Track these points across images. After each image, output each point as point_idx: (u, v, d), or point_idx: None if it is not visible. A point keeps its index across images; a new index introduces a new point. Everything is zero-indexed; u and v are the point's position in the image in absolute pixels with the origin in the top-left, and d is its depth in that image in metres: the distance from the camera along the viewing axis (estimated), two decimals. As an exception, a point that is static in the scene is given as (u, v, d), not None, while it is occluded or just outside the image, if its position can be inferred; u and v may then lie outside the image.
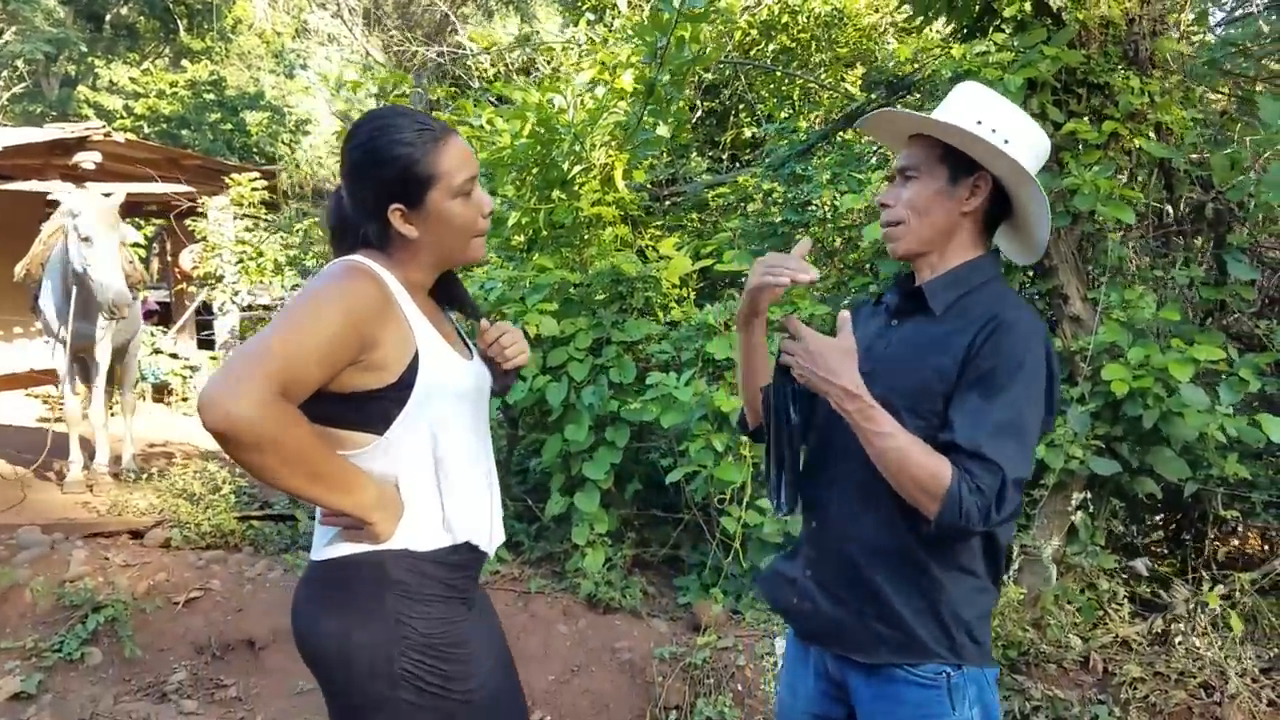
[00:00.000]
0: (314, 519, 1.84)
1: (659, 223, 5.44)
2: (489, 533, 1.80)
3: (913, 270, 1.88)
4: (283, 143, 17.96)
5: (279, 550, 4.93)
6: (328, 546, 1.69)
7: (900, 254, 1.83)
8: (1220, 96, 4.89)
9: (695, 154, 6.32)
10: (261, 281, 9.61)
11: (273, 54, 21.20)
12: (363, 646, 1.63)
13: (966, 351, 1.67)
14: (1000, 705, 1.77)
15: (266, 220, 9.12)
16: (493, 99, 5.71)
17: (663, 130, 5.10)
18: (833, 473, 1.82)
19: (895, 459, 1.61)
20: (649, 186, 5.38)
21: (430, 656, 1.65)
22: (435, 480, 1.69)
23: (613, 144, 4.94)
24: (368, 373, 1.60)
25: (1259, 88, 4.80)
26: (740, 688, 3.50)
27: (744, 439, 3.71)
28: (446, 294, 1.86)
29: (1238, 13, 5.93)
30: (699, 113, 6.68)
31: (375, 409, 1.63)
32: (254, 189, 9.45)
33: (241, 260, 9.04)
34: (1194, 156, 4.18)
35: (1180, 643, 3.48)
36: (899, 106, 1.94)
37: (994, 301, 1.74)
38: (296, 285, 11.30)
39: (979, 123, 1.72)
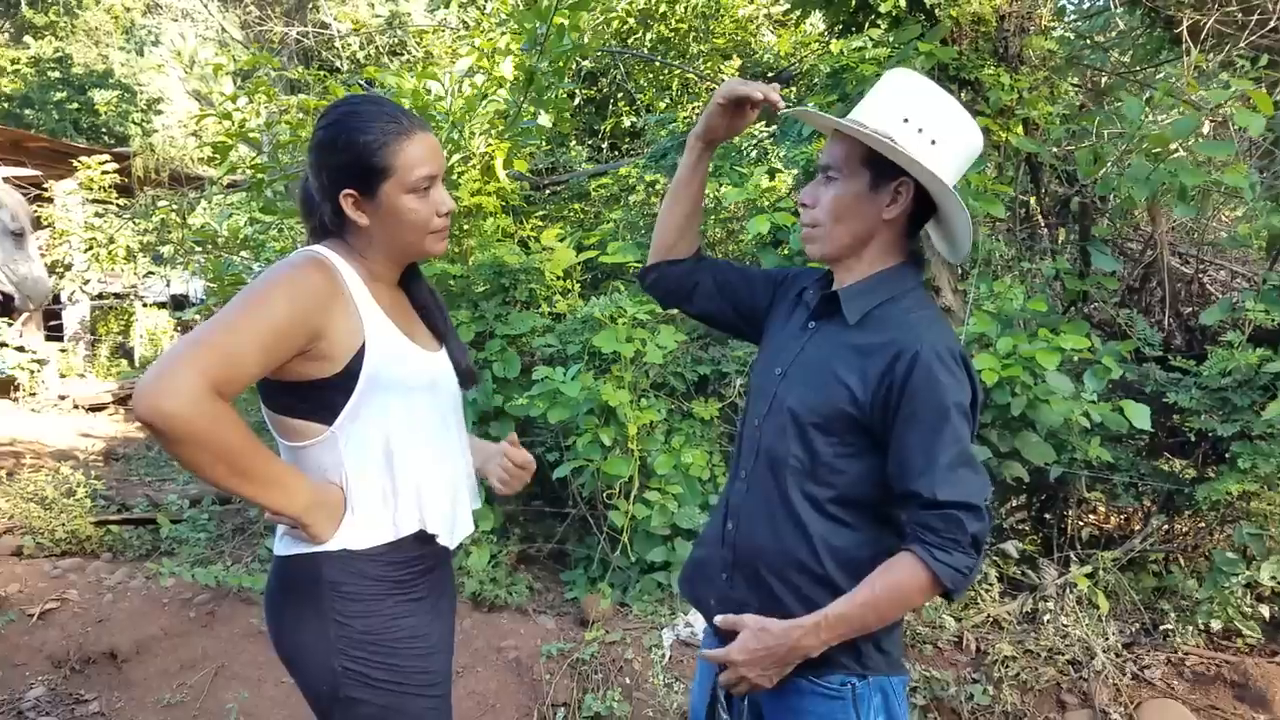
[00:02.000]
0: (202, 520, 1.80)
1: (541, 213, 5.37)
2: (450, 525, 1.77)
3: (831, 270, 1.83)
4: (134, 123, 17.10)
5: (140, 556, 4.69)
6: (280, 541, 1.71)
7: (816, 257, 1.78)
8: (1077, 89, 5.10)
9: (575, 143, 6.27)
10: (114, 269, 9.15)
11: (122, 30, 20.13)
12: (305, 646, 1.66)
13: (882, 383, 1.61)
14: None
15: (120, 206, 8.66)
16: (363, 83, 5.53)
17: (544, 119, 5.03)
18: (748, 479, 1.80)
19: (881, 611, 1.60)
20: (530, 176, 5.31)
21: (377, 652, 1.66)
22: (385, 473, 1.68)
23: (492, 132, 4.84)
24: (314, 362, 1.60)
25: (1105, 80, 5.04)
26: (629, 681, 3.49)
27: (632, 432, 3.70)
28: (409, 290, 1.84)
29: (1086, 5, 6.21)
30: (578, 101, 6.62)
31: (321, 399, 1.63)
32: (104, 172, 8.96)
33: (91, 247, 8.56)
34: (1058, 151, 4.35)
35: (1049, 621, 3.62)
36: (811, 105, 1.91)
37: (910, 320, 1.68)
38: (150, 273, 10.80)
39: (906, 120, 1.64)
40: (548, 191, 5.70)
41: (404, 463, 1.69)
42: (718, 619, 1.75)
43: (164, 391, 1.40)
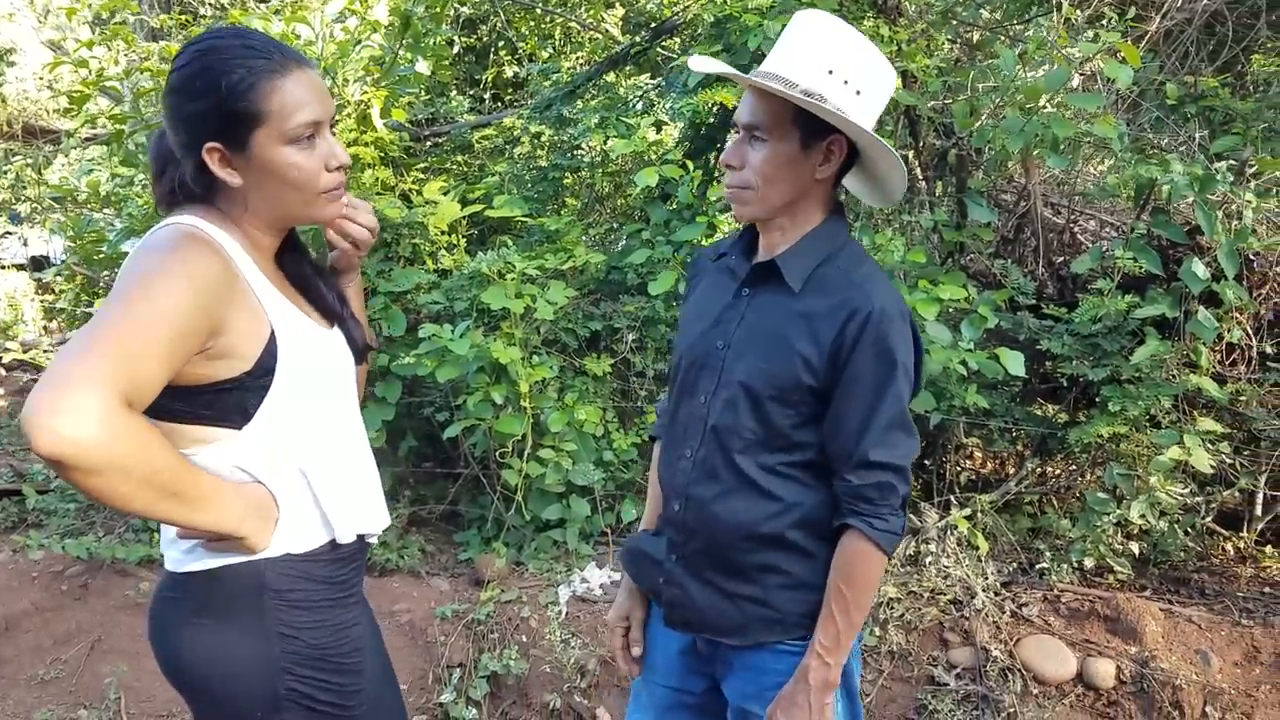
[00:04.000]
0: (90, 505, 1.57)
1: (422, 165, 5.22)
2: (372, 518, 1.62)
3: (756, 229, 1.80)
4: (-17, 75, 15.95)
5: (5, 530, 4.44)
6: (187, 555, 1.46)
7: (747, 219, 1.74)
8: (952, 44, 5.18)
9: (456, 93, 6.10)
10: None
11: (-38, -29, 18.70)
12: (241, 667, 1.45)
13: (835, 345, 1.62)
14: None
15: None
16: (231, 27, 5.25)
17: (422, 66, 4.87)
18: (693, 458, 1.77)
19: (861, 602, 1.65)
20: (409, 126, 5.14)
21: (323, 671, 1.49)
22: (308, 473, 1.50)
23: (368, 80, 4.67)
24: (217, 362, 1.37)
25: (978, 35, 5.14)
26: (525, 639, 3.49)
27: (524, 390, 3.65)
28: (288, 263, 1.60)
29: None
30: (457, 49, 6.44)
31: (230, 402, 1.40)
32: (-53, 126, 8.35)
33: (-68, 206, 7.98)
34: (935, 104, 4.42)
35: (931, 563, 3.73)
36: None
37: (854, 278, 1.67)
38: (7, 233, 10.15)
39: (831, 72, 1.60)
40: (428, 143, 5.53)
41: (323, 458, 1.52)
42: None
43: (66, 416, 1.13)
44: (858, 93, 1.62)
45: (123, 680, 3.36)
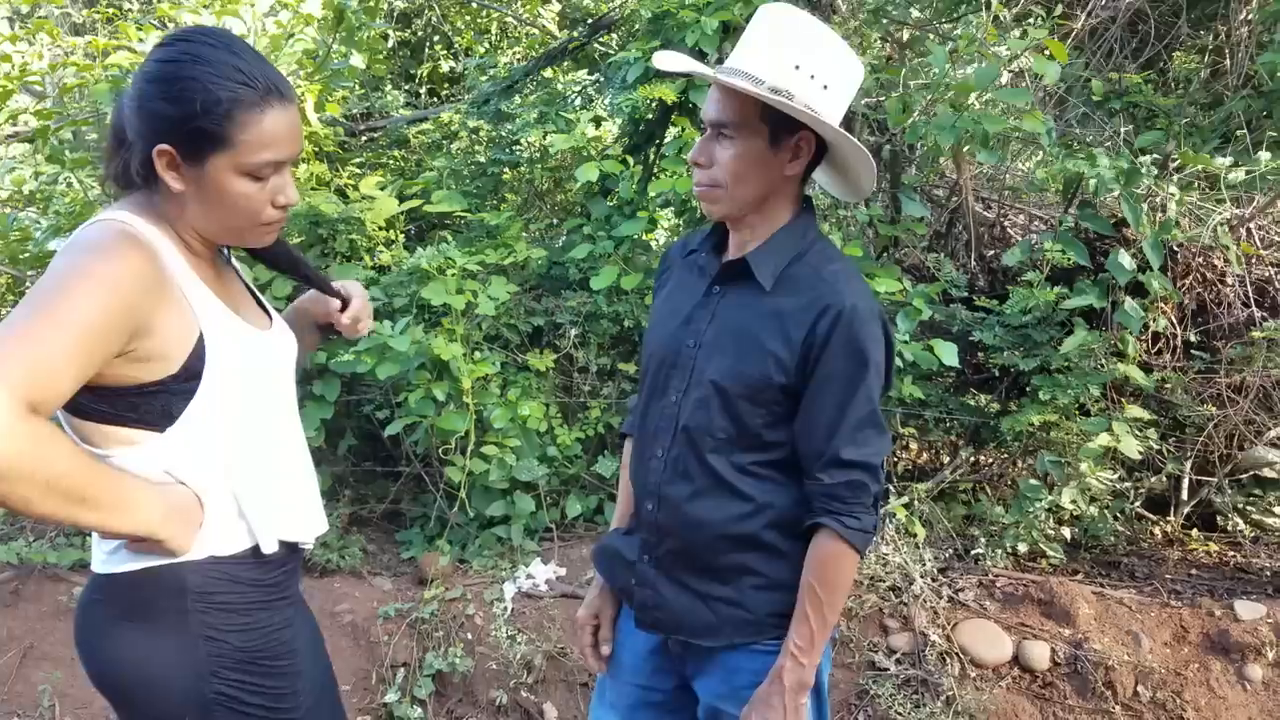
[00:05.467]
0: None
1: (358, 160, 5.16)
2: (305, 524, 1.59)
3: (727, 226, 1.78)
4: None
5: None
6: (111, 557, 1.43)
7: (717, 216, 1.73)
8: (884, 42, 5.26)
9: (391, 87, 6.03)
10: None
11: None
12: (166, 672, 1.41)
13: (806, 343, 1.61)
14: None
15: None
16: (157, 22, 5.15)
17: (356, 60, 4.82)
18: (665, 458, 1.76)
19: (835, 601, 1.64)
20: (343, 121, 5.08)
21: (253, 674, 1.45)
22: (235, 477, 1.46)
23: (301, 74, 4.60)
24: (141, 364, 1.33)
25: (909, 34, 5.23)
26: (470, 637, 3.47)
27: (466, 386, 3.63)
28: (269, 255, 1.58)
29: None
30: (392, 43, 6.37)
31: (154, 405, 1.37)
32: None
33: None
34: (869, 101, 4.49)
35: (870, 550, 3.79)
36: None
37: (824, 275, 1.66)
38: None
39: (797, 68, 1.58)
40: (364, 138, 5.47)
41: (251, 463, 1.49)
42: None
43: None
44: (825, 87, 1.60)
45: (57, 687, 3.28)
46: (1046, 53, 3.62)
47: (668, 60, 1.71)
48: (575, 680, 3.38)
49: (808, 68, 1.58)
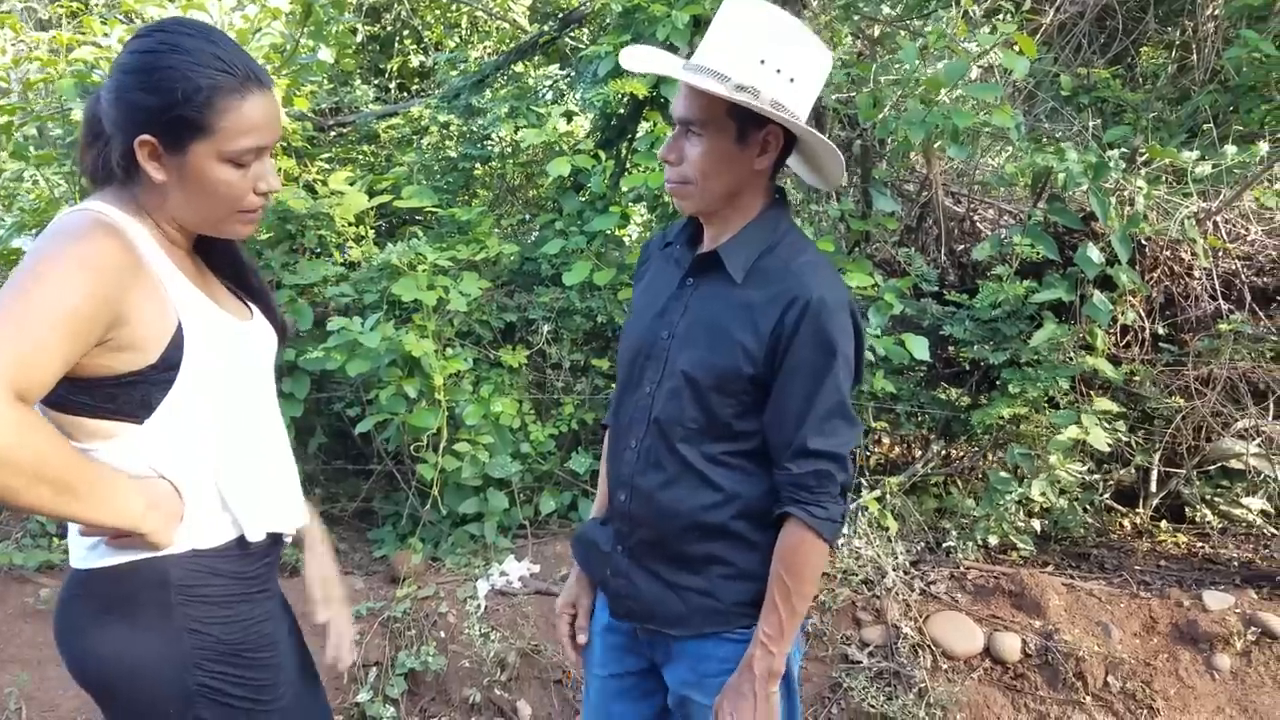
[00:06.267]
0: None
1: (326, 155, 5.11)
2: (286, 515, 1.59)
3: (700, 221, 1.80)
4: None
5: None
6: (91, 552, 1.42)
7: (689, 212, 1.75)
8: (855, 38, 5.28)
9: (360, 82, 5.98)
10: None
11: None
12: (149, 665, 1.41)
13: (774, 335, 1.62)
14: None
15: None
16: (122, 16, 5.08)
17: (324, 54, 4.78)
18: (638, 448, 1.77)
19: (804, 590, 1.64)
20: (312, 115, 5.03)
21: (236, 666, 1.46)
22: (214, 469, 1.46)
23: (269, 69, 4.56)
24: (118, 354, 1.33)
25: (879, 30, 5.25)
26: (444, 635, 3.46)
27: (438, 383, 3.61)
28: (211, 257, 1.57)
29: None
30: (361, 37, 6.32)
31: (132, 395, 1.37)
32: None
33: None
34: (840, 96, 4.50)
35: (843, 544, 3.81)
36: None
37: (794, 267, 1.67)
38: None
39: (763, 62, 1.59)
40: (333, 133, 5.43)
41: (231, 454, 1.48)
42: None
43: None
44: (791, 80, 1.61)
45: (24, 689, 3.24)
46: (1015, 48, 3.64)
47: (634, 60, 1.70)
48: (549, 678, 3.37)
49: (773, 61, 1.59)
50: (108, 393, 1.36)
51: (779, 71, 1.59)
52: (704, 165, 1.64)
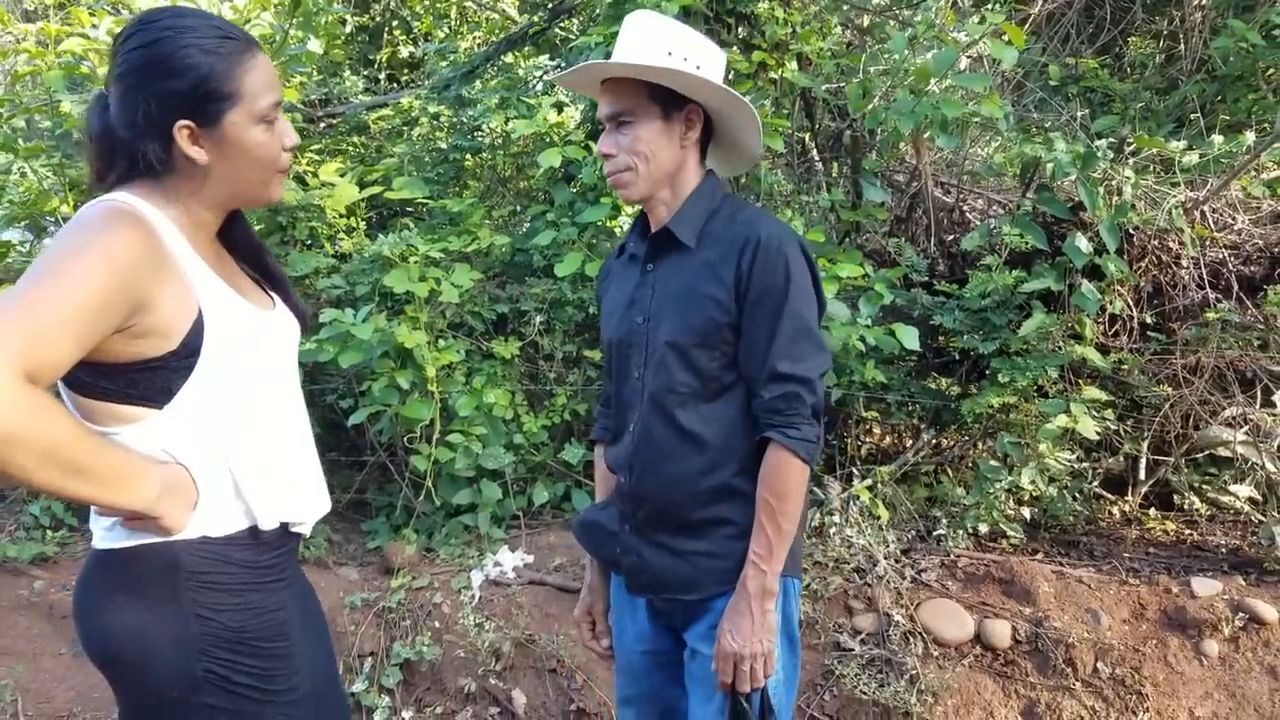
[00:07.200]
0: None
1: (317, 147, 5.10)
2: (305, 505, 1.60)
3: (645, 213, 1.94)
4: None
5: None
6: (108, 533, 1.46)
7: (634, 199, 1.87)
8: (844, 27, 5.28)
9: (350, 73, 5.96)
10: None
11: None
12: (156, 648, 1.43)
13: (736, 281, 1.77)
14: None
15: None
16: (111, 7, 5.06)
17: (313, 45, 4.76)
18: (635, 430, 1.88)
19: (789, 510, 1.75)
20: (301, 107, 5.02)
21: (243, 654, 1.47)
22: (231, 456, 1.48)
23: (258, 60, 4.54)
24: (141, 340, 1.36)
25: (868, 19, 5.26)
26: (438, 625, 3.47)
27: (430, 374, 3.61)
28: (235, 242, 1.61)
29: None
30: (350, 28, 6.29)
31: (153, 381, 1.39)
32: None
33: None
34: (830, 86, 4.51)
35: (835, 533, 3.83)
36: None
37: (739, 220, 1.83)
38: None
39: (670, 54, 1.77)
40: (322, 124, 5.41)
41: (249, 442, 1.50)
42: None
43: None
44: (698, 67, 1.79)
45: (19, 681, 3.24)
46: (1004, 38, 3.65)
47: (567, 77, 1.89)
48: (544, 667, 3.39)
49: (680, 52, 1.78)
50: (130, 378, 1.38)
51: (686, 59, 1.78)
52: (640, 147, 1.81)
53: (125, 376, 1.38)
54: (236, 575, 1.48)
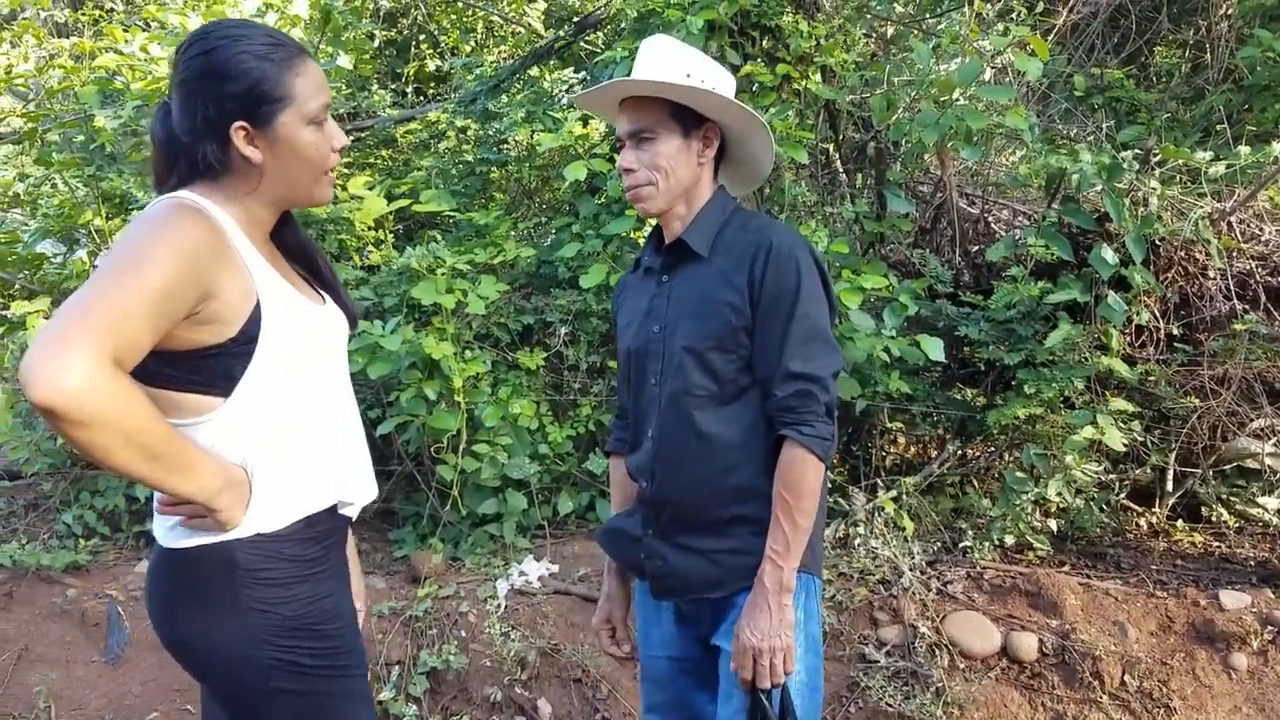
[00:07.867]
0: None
1: (345, 160, 5.16)
2: (356, 490, 1.69)
3: (661, 226, 2.00)
4: None
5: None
6: (169, 533, 1.56)
7: (652, 213, 1.94)
8: (868, 39, 5.30)
9: (378, 87, 6.03)
10: None
11: None
12: (224, 643, 1.53)
13: (750, 286, 1.82)
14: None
15: None
16: (143, 24, 5.15)
17: (343, 60, 4.84)
18: (654, 435, 1.93)
19: (805, 506, 1.78)
20: (331, 120, 5.07)
21: (303, 638, 1.56)
22: (292, 446, 1.57)
23: (288, 75, 4.61)
24: (205, 327, 1.45)
25: (892, 30, 5.27)
26: (465, 634, 3.49)
27: (457, 385, 3.65)
28: (287, 243, 1.69)
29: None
30: (378, 42, 6.37)
31: (217, 367, 1.48)
32: None
33: None
34: (854, 98, 4.52)
35: (859, 544, 3.83)
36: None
37: (750, 229, 1.90)
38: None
39: (688, 75, 1.86)
40: (351, 138, 5.47)
41: (305, 429, 1.58)
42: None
43: (59, 369, 1.22)
44: (713, 89, 1.87)
45: (52, 688, 3.29)
46: (1029, 49, 3.66)
47: (592, 94, 1.94)
48: (569, 676, 3.41)
49: (696, 75, 1.88)
50: (194, 365, 1.47)
51: (703, 81, 1.87)
52: (661, 162, 1.88)
53: (190, 363, 1.46)
54: (287, 570, 1.56)
